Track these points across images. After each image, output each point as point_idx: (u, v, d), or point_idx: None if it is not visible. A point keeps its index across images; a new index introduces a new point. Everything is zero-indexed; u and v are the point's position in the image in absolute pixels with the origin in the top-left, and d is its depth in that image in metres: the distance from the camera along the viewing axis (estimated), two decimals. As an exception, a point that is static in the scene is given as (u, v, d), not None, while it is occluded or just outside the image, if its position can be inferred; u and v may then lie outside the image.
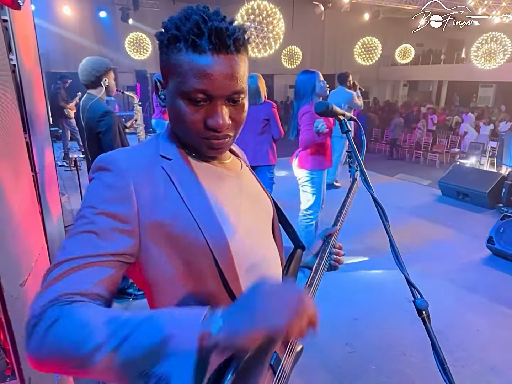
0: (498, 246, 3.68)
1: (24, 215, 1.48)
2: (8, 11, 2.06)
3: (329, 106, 1.03)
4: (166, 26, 0.72)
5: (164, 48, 0.73)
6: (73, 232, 0.68)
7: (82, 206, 0.71)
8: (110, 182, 0.71)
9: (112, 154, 0.77)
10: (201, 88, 0.69)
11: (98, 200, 0.69)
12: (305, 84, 3.08)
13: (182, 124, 0.74)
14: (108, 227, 0.67)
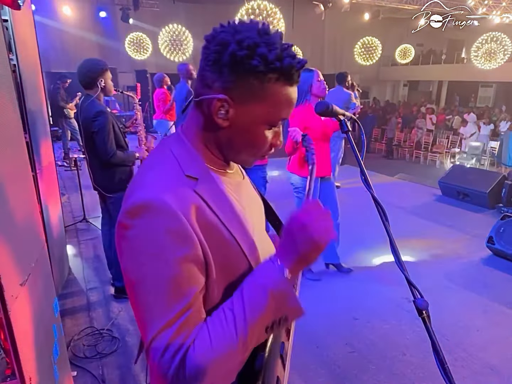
0: (498, 246, 3.68)
1: (24, 215, 1.48)
2: (8, 11, 2.06)
3: (329, 106, 1.02)
4: (257, 52, 0.68)
5: (254, 74, 0.69)
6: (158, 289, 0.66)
7: (145, 258, 0.66)
8: (167, 226, 0.66)
9: (152, 191, 0.68)
10: (286, 117, 0.75)
11: (166, 250, 0.66)
12: (300, 83, 3.00)
13: (254, 145, 0.76)
14: (187, 272, 0.67)
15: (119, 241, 0.70)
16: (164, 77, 6.11)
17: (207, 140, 0.77)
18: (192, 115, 0.79)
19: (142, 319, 0.68)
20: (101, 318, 2.79)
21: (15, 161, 1.45)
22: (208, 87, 0.73)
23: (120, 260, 0.70)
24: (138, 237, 0.66)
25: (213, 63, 0.70)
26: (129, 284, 0.69)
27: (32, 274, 1.43)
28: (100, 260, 3.63)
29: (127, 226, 0.67)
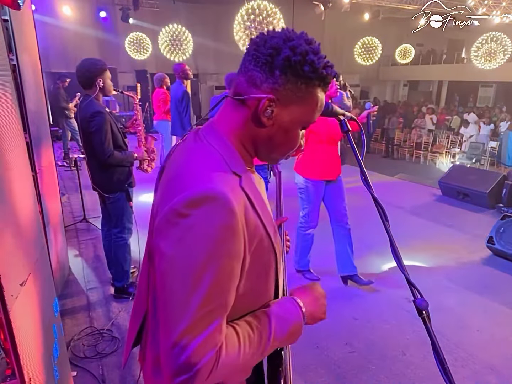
0: (498, 246, 3.68)
1: (24, 215, 1.48)
2: (8, 11, 2.06)
3: (330, 106, 1.02)
4: (308, 59, 0.74)
5: (302, 78, 0.76)
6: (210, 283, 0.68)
7: (196, 249, 0.68)
8: (225, 221, 0.68)
9: (215, 184, 0.70)
10: (315, 120, 0.83)
11: (218, 244, 0.69)
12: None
13: (289, 144, 0.83)
14: (235, 273, 0.72)
15: (167, 226, 0.71)
16: (164, 77, 6.08)
17: (244, 136, 0.80)
18: (230, 112, 0.81)
19: (172, 307, 0.69)
20: (101, 318, 2.79)
21: (15, 161, 1.45)
22: (256, 86, 0.76)
23: (163, 244, 0.71)
24: (194, 227, 0.68)
25: (264, 65, 0.75)
26: (168, 269, 0.70)
27: (32, 274, 1.43)
28: (100, 260, 3.63)
29: (183, 214, 0.68)
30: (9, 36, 2.14)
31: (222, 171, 0.74)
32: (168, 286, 0.70)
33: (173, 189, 0.74)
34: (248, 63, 0.77)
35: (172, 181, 0.76)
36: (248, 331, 0.77)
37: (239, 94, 0.79)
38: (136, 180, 2.96)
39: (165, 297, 0.71)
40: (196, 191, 0.69)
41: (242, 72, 0.79)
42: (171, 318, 0.69)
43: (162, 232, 0.72)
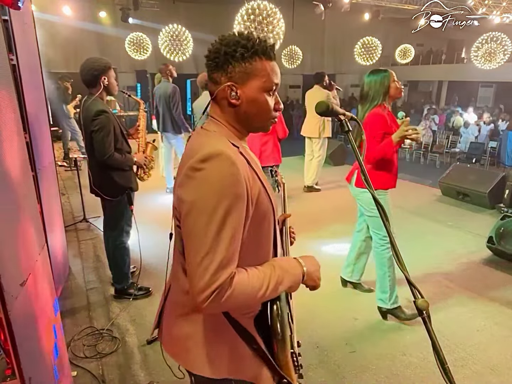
0: (498, 246, 3.68)
1: (24, 215, 1.48)
2: (8, 11, 2.06)
3: (330, 106, 1.02)
4: (240, 45, 0.96)
5: (244, 59, 0.97)
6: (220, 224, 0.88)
7: (211, 193, 0.88)
8: (230, 170, 0.89)
9: (219, 147, 0.92)
10: (277, 82, 1.02)
11: (228, 187, 0.89)
12: (377, 85, 2.59)
13: (263, 111, 1.02)
14: (241, 211, 0.91)
15: (186, 180, 0.92)
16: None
17: (231, 120, 1.04)
18: (215, 108, 1.05)
19: (194, 239, 0.90)
20: (101, 318, 2.79)
21: (15, 161, 1.45)
22: (217, 83, 1.00)
23: (184, 194, 0.92)
24: (207, 176, 0.89)
25: (215, 67, 0.99)
26: (189, 211, 0.90)
27: (32, 274, 1.43)
28: (100, 260, 3.63)
29: (197, 168, 0.90)
30: (9, 36, 2.14)
31: (224, 142, 0.97)
32: (190, 223, 0.90)
33: (188, 157, 0.94)
34: (209, 72, 1.02)
35: (187, 155, 0.97)
36: (254, 270, 0.97)
37: (212, 94, 1.04)
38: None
39: (188, 232, 0.91)
40: (206, 151, 0.91)
41: (208, 81, 1.04)
42: (194, 247, 0.89)
43: (182, 186, 0.93)
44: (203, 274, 0.87)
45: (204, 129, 1.03)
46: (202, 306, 0.88)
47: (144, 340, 2.53)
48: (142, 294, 3.03)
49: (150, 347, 2.48)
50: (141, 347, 2.49)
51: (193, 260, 0.89)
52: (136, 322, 2.74)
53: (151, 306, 2.93)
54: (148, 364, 2.34)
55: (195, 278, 0.88)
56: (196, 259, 0.88)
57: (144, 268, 3.20)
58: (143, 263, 3.11)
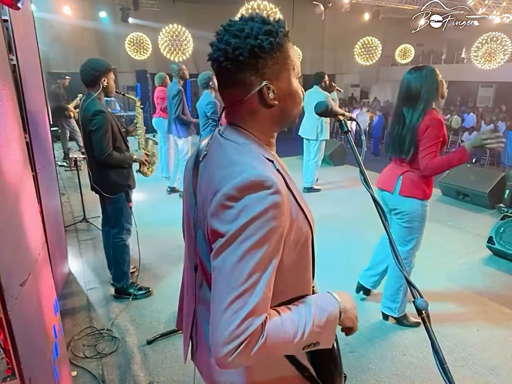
0: (498, 246, 3.68)
1: (24, 215, 1.48)
2: (8, 11, 2.06)
3: (329, 106, 1.02)
4: (261, 31, 0.81)
5: (273, 50, 0.82)
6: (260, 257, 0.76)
7: (251, 227, 0.75)
8: (276, 202, 0.77)
9: (260, 171, 0.79)
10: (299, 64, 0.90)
11: (271, 221, 0.76)
12: (428, 81, 2.36)
13: (299, 102, 0.91)
14: (277, 245, 0.79)
15: (222, 210, 0.78)
16: (165, 77, 6.17)
17: (261, 125, 0.89)
18: (239, 113, 0.89)
19: (225, 277, 0.76)
20: (101, 318, 2.80)
21: (15, 161, 1.45)
22: (247, 86, 0.84)
23: (219, 226, 0.78)
24: (247, 208, 0.75)
25: (240, 66, 0.81)
26: (224, 245, 0.77)
27: (32, 274, 1.43)
28: (100, 260, 3.63)
29: (236, 197, 0.76)
30: (9, 36, 2.14)
31: (260, 159, 0.83)
32: (223, 257, 0.77)
33: (221, 179, 0.80)
34: (232, 75, 0.83)
35: (218, 174, 0.82)
36: (288, 312, 0.83)
37: (238, 101, 0.86)
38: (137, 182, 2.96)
39: (219, 270, 0.78)
40: (246, 177, 0.77)
41: (226, 86, 0.87)
42: (224, 285, 0.76)
43: (217, 216, 0.79)
44: (231, 320, 0.73)
45: (229, 140, 0.88)
46: (226, 361, 0.74)
47: (144, 340, 2.53)
48: (142, 294, 3.04)
49: (150, 347, 2.48)
50: (141, 347, 2.49)
51: (220, 302, 0.75)
52: (136, 322, 2.74)
53: (151, 306, 2.93)
54: (148, 364, 2.34)
55: (221, 325, 0.74)
56: (225, 300, 0.74)
57: (144, 268, 3.20)
58: (143, 263, 3.11)
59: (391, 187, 2.47)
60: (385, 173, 2.61)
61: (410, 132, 2.33)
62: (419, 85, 2.35)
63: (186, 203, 1.01)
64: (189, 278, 1.03)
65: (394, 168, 2.52)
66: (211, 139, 0.93)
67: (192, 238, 0.96)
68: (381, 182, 2.59)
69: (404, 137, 2.38)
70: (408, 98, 2.38)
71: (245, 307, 0.73)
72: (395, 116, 2.47)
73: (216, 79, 0.90)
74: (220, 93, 0.90)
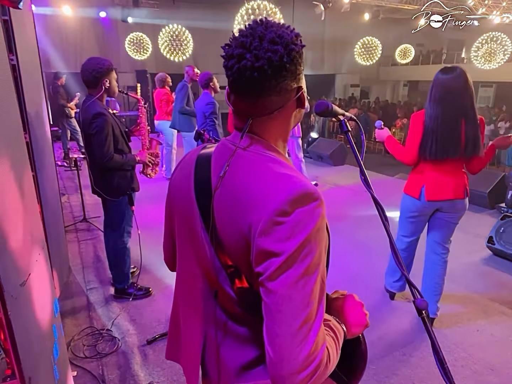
0: (498, 246, 3.68)
1: (24, 215, 1.48)
2: (8, 11, 2.06)
3: (329, 105, 1.02)
4: (296, 37, 0.81)
5: (300, 53, 0.81)
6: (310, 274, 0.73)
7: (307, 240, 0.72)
8: (322, 212, 0.76)
9: (305, 183, 0.77)
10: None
11: (322, 233, 0.76)
12: (461, 84, 2.37)
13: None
14: (325, 258, 0.79)
15: (273, 227, 0.72)
16: (166, 77, 6.10)
17: (286, 132, 0.88)
18: (265, 123, 0.84)
19: (288, 304, 0.71)
20: (101, 318, 2.80)
21: (15, 162, 1.45)
22: (287, 92, 0.81)
23: (271, 244, 0.73)
24: (301, 222, 0.72)
25: (282, 74, 0.78)
26: (281, 266, 0.71)
27: (32, 274, 1.43)
28: (100, 260, 3.63)
29: (287, 212, 0.72)
30: (9, 36, 2.14)
31: (294, 169, 0.82)
32: (281, 282, 0.71)
33: (262, 196, 0.75)
34: (276, 82, 0.78)
35: (257, 189, 0.77)
36: (329, 335, 0.83)
37: (274, 109, 0.82)
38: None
39: (280, 294, 0.72)
40: (294, 191, 0.74)
41: (262, 93, 0.80)
42: (288, 311, 0.71)
43: (268, 234, 0.73)
44: (303, 345, 0.69)
45: (252, 151, 0.83)
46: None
47: (144, 340, 2.53)
48: (142, 294, 3.03)
49: (150, 347, 2.48)
50: (141, 347, 2.49)
51: (287, 327, 0.70)
52: (136, 322, 2.74)
53: (151, 306, 2.93)
54: (148, 364, 2.34)
55: (292, 352, 0.69)
56: (293, 325, 0.70)
57: (144, 268, 3.20)
58: (143, 263, 3.11)
59: (455, 193, 2.71)
60: (440, 181, 2.63)
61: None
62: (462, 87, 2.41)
63: (180, 219, 0.94)
64: (198, 303, 0.95)
65: (446, 174, 2.60)
66: (232, 155, 0.84)
67: (208, 261, 0.88)
68: (448, 192, 2.67)
69: (473, 136, 2.42)
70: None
71: (313, 331, 0.71)
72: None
73: (244, 90, 0.81)
74: (249, 103, 0.82)
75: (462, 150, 2.42)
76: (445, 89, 2.33)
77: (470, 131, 2.37)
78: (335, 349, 0.81)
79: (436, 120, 2.34)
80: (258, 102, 0.81)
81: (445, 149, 2.40)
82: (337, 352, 0.81)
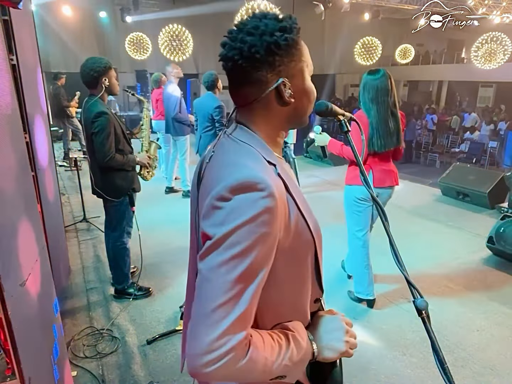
0: (498, 246, 3.68)
1: (24, 215, 1.48)
2: (8, 11, 2.06)
3: (329, 105, 1.02)
4: (277, 28, 0.79)
5: (290, 46, 0.80)
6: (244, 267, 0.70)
7: (239, 230, 0.70)
8: (268, 206, 0.72)
9: (255, 173, 0.74)
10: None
11: (261, 226, 0.71)
12: (392, 84, 2.66)
13: (313, 99, 0.89)
14: (268, 252, 0.74)
15: (212, 211, 0.74)
16: (161, 77, 6.14)
17: (272, 124, 0.87)
18: (249, 113, 0.86)
19: (209, 283, 0.71)
20: (101, 318, 2.80)
21: (15, 161, 1.45)
22: (263, 83, 0.81)
23: (207, 227, 0.74)
24: (236, 210, 0.71)
25: (256, 63, 0.79)
26: (211, 248, 0.72)
27: (32, 274, 1.43)
28: (100, 260, 3.63)
29: (226, 198, 0.72)
30: (9, 36, 2.14)
31: (259, 161, 0.79)
32: (206, 264, 0.72)
33: (215, 180, 0.77)
34: (248, 73, 0.80)
35: (214, 175, 0.80)
36: (269, 337, 0.79)
37: (251, 99, 0.84)
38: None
39: (202, 274, 0.73)
40: (238, 178, 0.73)
41: (240, 84, 0.84)
42: (206, 293, 0.71)
43: (207, 217, 0.75)
44: (211, 330, 0.68)
45: (232, 138, 0.86)
46: (201, 371, 0.68)
47: (144, 340, 2.53)
48: (142, 294, 3.03)
49: (150, 347, 2.48)
50: (141, 347, 2.49)
51: (201, 309, 0.71)
52: (136, 322, 2.74)
53: (151, 306, 2.93)
54: (148, 364, 2.34)
55: (200, 334, 0.69)
56: (207, 307, 0.69)
57: (144, 268, 3.20)
58: (143, 263, 3.11)
59: (397, 181, 2.84)
60: (384, 170, 2.79)
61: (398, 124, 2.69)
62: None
63: (191, 207, 0.98)
64: (191, 283, 0.98)
65: (386, 164, 2.78)
66: (218, 140, 0.91)
67: (195, 244, 0.92)
68: (390, 180, 2.79)
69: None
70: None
71: (227, 318, 0.69)
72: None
73: (228, 79, 0.86)
74: (232, 92, 0.87)
75: (395, 141, 2.69)
76: (376, 89, 2.63)
77: (396, 125, 2.67)
78: (275, 356, 0.76)
79: (375, 117, 2.61)
80: (237, 91, 0.86)
81: (386, 141, 2.66)
82: (276, 360, 0.76)
